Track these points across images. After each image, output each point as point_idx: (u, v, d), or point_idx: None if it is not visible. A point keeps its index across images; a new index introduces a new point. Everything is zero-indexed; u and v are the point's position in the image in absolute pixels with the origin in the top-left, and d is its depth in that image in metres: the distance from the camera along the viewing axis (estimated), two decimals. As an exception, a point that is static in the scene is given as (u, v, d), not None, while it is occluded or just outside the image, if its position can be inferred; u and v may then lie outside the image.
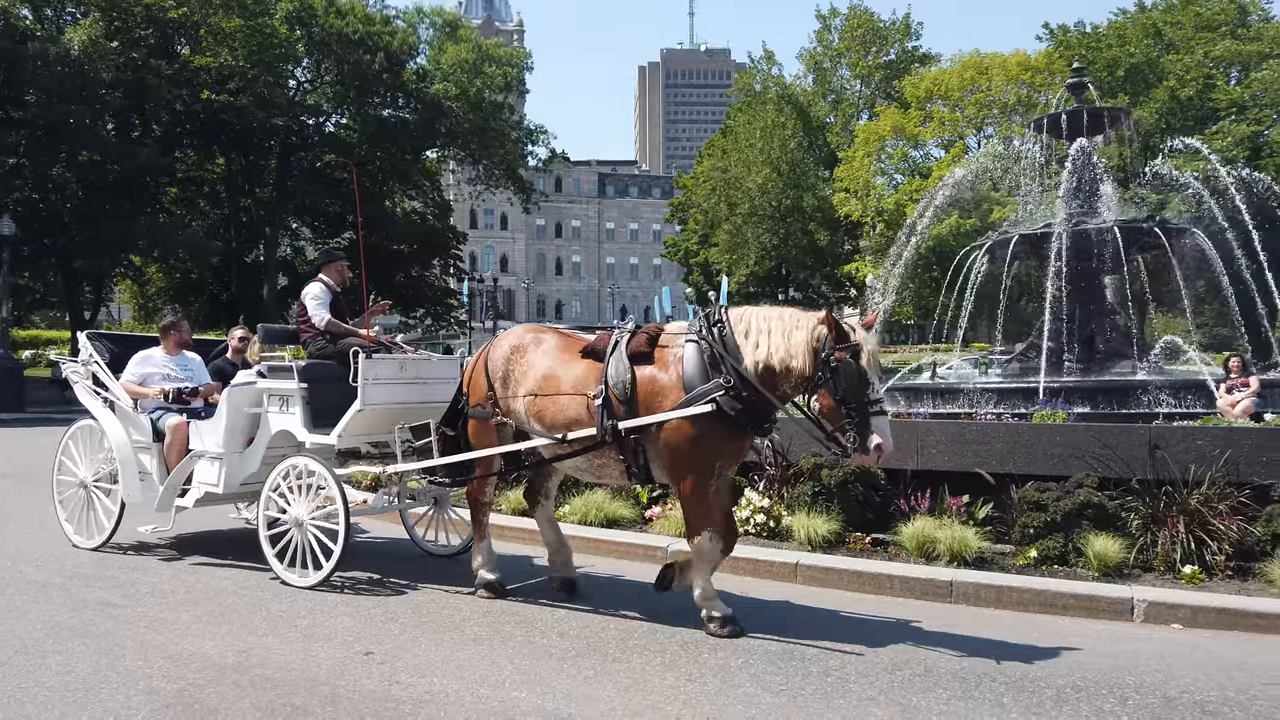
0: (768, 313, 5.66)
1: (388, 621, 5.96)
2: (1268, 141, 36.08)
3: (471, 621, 5.99)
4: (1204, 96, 38.85)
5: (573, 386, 5.92)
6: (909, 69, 50.39)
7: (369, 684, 4.76)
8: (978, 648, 5.44)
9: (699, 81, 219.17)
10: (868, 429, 5.19)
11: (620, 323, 6.16)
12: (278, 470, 6.89)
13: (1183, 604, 6.08)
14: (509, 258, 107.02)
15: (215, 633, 5.66)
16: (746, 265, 52.65)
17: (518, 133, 50.55)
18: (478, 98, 42.50)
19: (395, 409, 7.06)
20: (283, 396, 7.15)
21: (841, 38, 52.61)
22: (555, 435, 5.92)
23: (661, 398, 5.61)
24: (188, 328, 8.61)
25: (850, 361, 5.21)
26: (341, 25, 36.59)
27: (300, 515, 6.71)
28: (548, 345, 6.26)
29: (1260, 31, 39.44)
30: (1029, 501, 7.24)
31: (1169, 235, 19.05)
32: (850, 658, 5.27)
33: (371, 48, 37.43)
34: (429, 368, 7.56)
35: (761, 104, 53.62)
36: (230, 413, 7.33)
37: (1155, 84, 39.95)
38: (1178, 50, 40.10)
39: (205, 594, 6.65)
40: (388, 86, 38.77)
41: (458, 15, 45.57)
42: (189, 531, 8.61)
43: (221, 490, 7.39)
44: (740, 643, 5.52)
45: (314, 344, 7.50)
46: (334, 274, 7.81)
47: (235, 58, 32.77)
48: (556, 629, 5.83)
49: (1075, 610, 6.24)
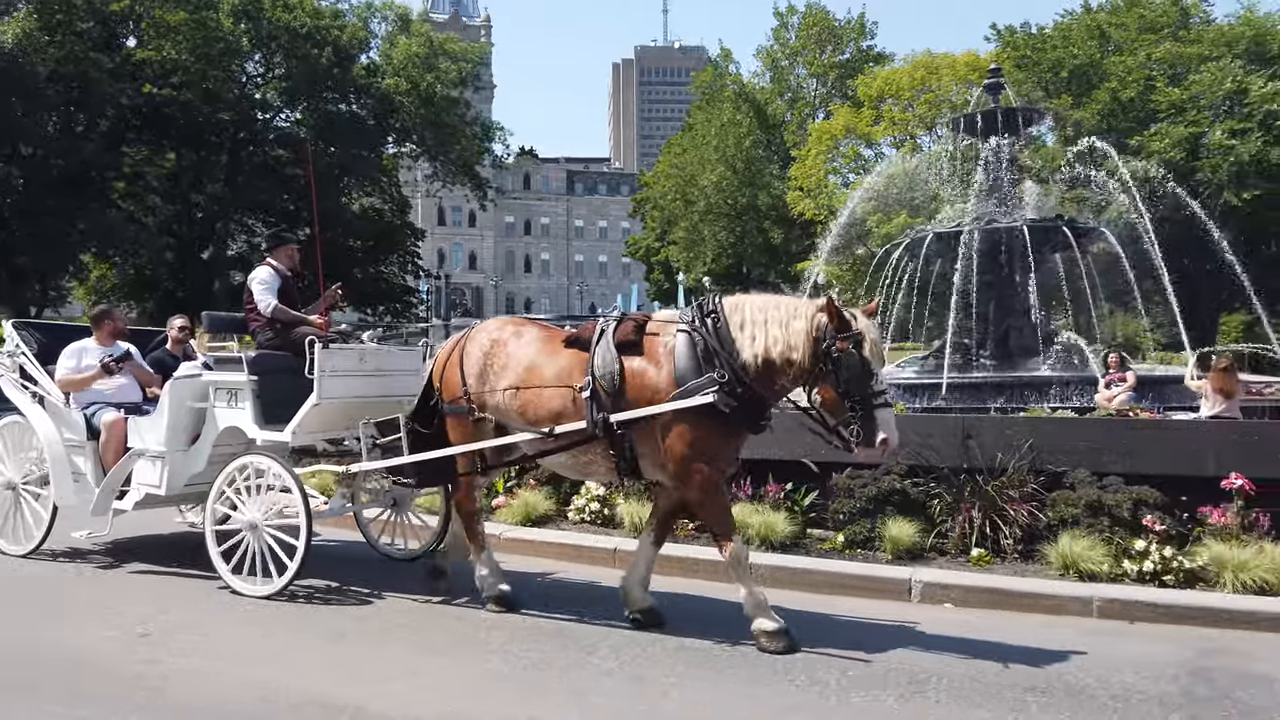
0: (764, 301, 5.40)
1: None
2: (1206, 144, 36.64)
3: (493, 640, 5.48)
4: (1145, 98, 39.45)
5: (557, 378, 5.64)
6: (863, 68, 50.81)
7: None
8: (733, 627, 5.54)
9: (673, 79, 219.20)
10: (873, 422, 4.98)
11: (606, 311, 6.02)
12: (228, 470, 6.45)
13: (956, 584, 6.36)
14: (477, 255, 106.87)
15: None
16: (704, 262, 52.97)
17: (474, 129, 50.47)
18: (429, 92, 42.48)
19: (354, 403, 6.58)
20: (231, 390, 6.67)
21: (798, 36, 53.00)
22: (541, 430, 5.62)
23: (651, 391, 5.34)
24: (122, 317, 8.03)
25: (853, 352, 4.99)
26: (289, 19, 36.53)
27: (255, 518, 6.25)
28: (528, 336, 5.98)
29: (1200, 34, 40.07)
30: (841, 489, 7.50)
31: (1077, 235, 19.52)
32: (613, 633, 5.55)
33: (320, 42, 37.38)
34: (390, 359, 7.14)
35: (720, 102, 53.92)
36: (173, 408, 6.82)
37: (1098, 85, 40.51)
38: (1122, 52, 40.67)
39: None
40: (337, 81, 38.69)
41: (409, 10, 45.45)
42: (127, 536, 7.93)
43: (164, 492, 6.86)
44: (512, 619, 5.76)
45: (263, 333, 7.01)
46: (283, 258, 7.26)
47: (178, 51, 32.65)
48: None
49: (861, 591, 6.50)
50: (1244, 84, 36.38)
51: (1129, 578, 6.30)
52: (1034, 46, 42.64)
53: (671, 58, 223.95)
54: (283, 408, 6.48)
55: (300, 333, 6.69)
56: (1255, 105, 35.80)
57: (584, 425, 5.41)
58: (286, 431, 6.43)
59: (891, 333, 23.74)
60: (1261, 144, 35.11)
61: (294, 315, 6.96)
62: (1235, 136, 35.60)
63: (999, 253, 19.65)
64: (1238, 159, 35.45)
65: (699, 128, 54.43)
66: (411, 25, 45.77)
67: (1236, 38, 38.88)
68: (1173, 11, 41.45)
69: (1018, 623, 5.93)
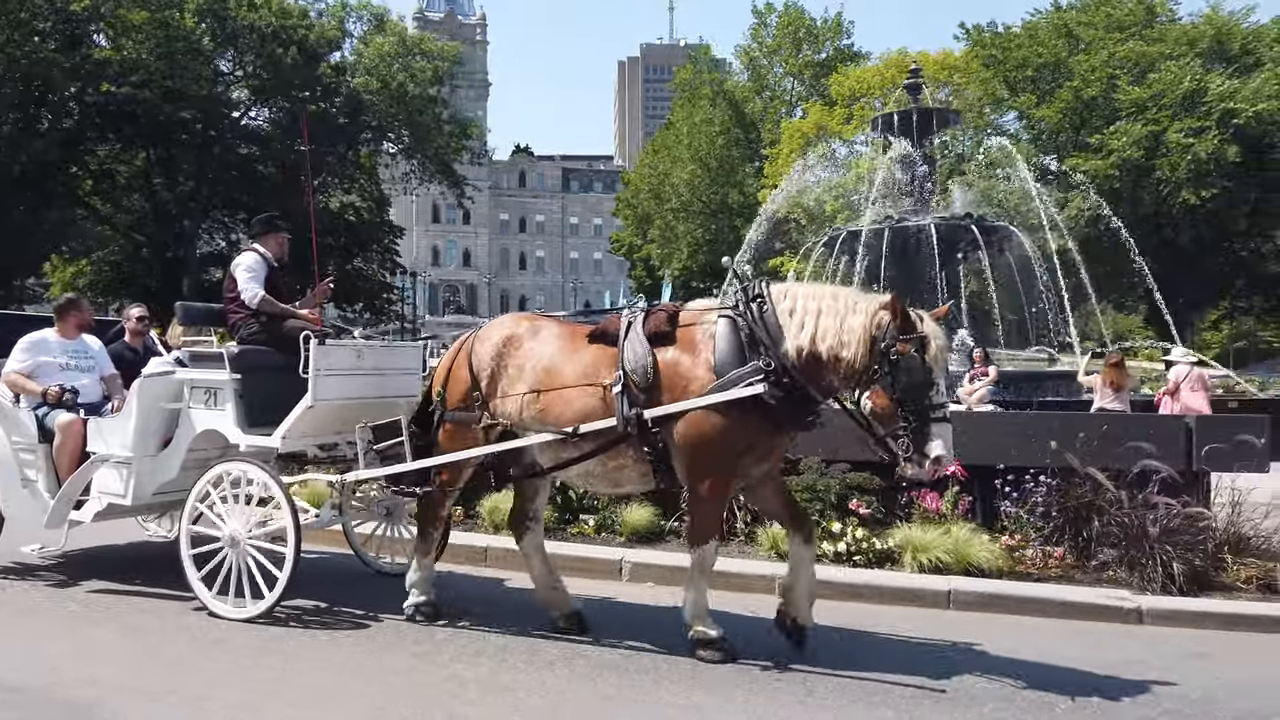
0: (818, 291, 4.98)
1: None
2: (1165, 142, 36.69)
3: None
4: (1108, 96, 39.55)
5: (584, 377, 5.14)
6: (839, 67, 50.98)
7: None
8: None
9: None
10: (926, 437, 4.51)
11: (632, 302, 5.86)
12: (207, 477, 5.86)
13: (657, 564, 6.74)
14: (471, 252, 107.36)
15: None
16: (679, 260, 53.25)
17: (450, 126, 50.83)
18: (399, 91, 42.85)
19: (350, 405, 6.06)
20: (209, 389, 6.05)
21: (775, 35, 53.20)
22: (564, 431, 5.10)
23: (689, 382, 4.89)
24: (88, 307, 7.43)
25: (914, 356, 4.54)
26: (254, 18, 36.98)
27: (237, 532, 5.67)
28: (547, 333, 5.47)
29: (1164, 32, 40.14)
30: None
31: (985, 233, 19.82)
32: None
33: (285, 41, 37.80)
34: (387, 357, 6.62)
35: (698, 100, 54.22)
36: (142, 409, 6.14)
37: (1063, 83, 40.64)
38: (1088, 50, 40.76)
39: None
40: (304, 80, 39.10)
41: (385, 9, 45.82)
42: (80, 548, 7.19)
43: (130, 502, 6.20)
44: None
45: (245, 327, 6.36)
46: (272, 245, 6.63)
47: (139, 50, 33.14)
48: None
49: (580, 572, 6.82)
50: (1203, 82, 36.46)
51: (826, 558, 6.62)
52: (1000, 45, 42.77)
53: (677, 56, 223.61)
54: (268, 410, 5.95)
55: (292, 326, 6.15)
56: (1213, 104, 35.87)
57: (614, 423, 4.92)
58: (275, 436, 5.86)
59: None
60: (1219, 142, 35.17)
61: (282, 308, 6.40)
62: (1193, 135, 35.68)
63: (908, 249, 20.03)
64: (1195, 157, 35.53)
65: (678, 125, 54.80)
66: (386, 24, 46.13)
67: (1199, 36, 38.99)
68: (1139, 10, 41.52)
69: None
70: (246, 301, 6.28)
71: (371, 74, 42.88)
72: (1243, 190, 36.66)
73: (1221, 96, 35.75)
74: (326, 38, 41.06)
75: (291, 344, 5.89)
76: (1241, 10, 40.14)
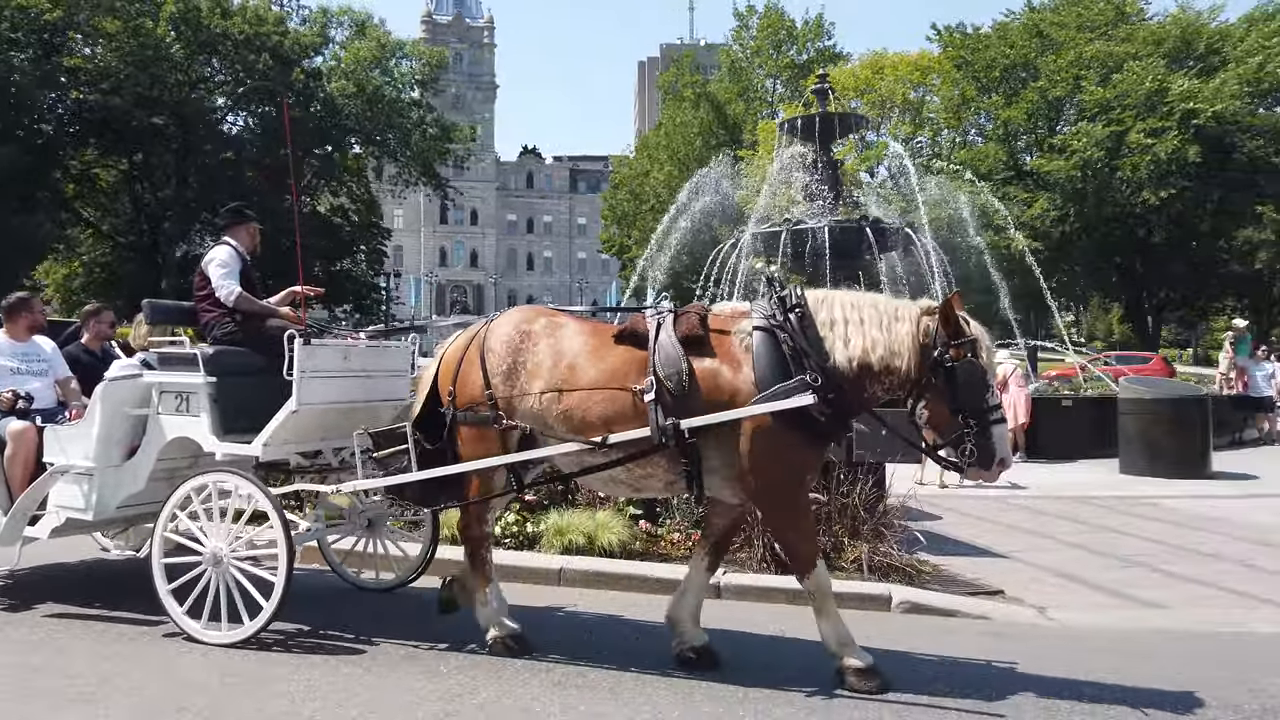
0: (856, 299, 4.79)
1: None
2: (1127, 142, 36.66)
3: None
4: (1074, 97, 39.58)
5: (611, 379, 4.84)
6: (817, 68, 51.23)
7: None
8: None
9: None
10: (989, 440, 4.40)
11: (657, 302, 5.59)
12: (185, 489, 5.41)
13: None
14: (479, 253, 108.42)
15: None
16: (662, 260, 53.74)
17: (434, 130, 51.65)
18: (376, 95, 43.70)
19: (336, 409, 5.75)
20: (181, 394, 5.60)
21: (756, 37, 53.55)
22: (593, 440, 4.77)
23: (728, 395, 4.64)
24: (41, 307, 7.08)
25: (970, 361, 4.42)
26: (227, 25, 37.94)
27: (220, 550, 5.26)
28: (569, 329, 5.13)
29: (1132, 32, 40.06)
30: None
31: (878, 234, 20.16)
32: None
33: (258, 48, 38.75)
34: (376, 358, 6.19)
35: (681, 102, 54.72)
36: (106, 415, 5.69)
37: (1030, 84, 40.69)
38: (1058, 50, 40.77)
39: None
40: (278, 86, 40.03)
41: (368, 15, 46.71)
42: (27, 567, 6.62)
43: (92, 517, 5.73)
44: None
45: (220, 326, 5.95)
46: (244, 237, 6.28)
47: (110, 58, 34.14)
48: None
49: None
50: (1165, 83, 36.40)
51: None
52: (970, 46, 42.85)
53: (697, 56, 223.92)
54: (245, 415, 5.56)
55: (274, 325, 5.78)
56: (1175, 104, 35.80)
57: (647, 433, 4.65)
58: (256, 443, 5.44)
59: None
60: (1179, 142, 35.11)
61: (261, 305, 6.06)
62: (1154, 136, 35.64)
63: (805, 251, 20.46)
64: (1155, 158, 35.49)
65: (665, 126, 55.40)
66: (367, 29, 47.02)
67: (1164, 36, 38.90)
68: (1108, 10, 41.46)
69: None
70: (223, 299, 5.89)
71: (348, 79, 43.75)
72: (1205, 190, 36.58)
73: (1183, 97, 35.68)
74: (301, 43, 41.95)
75: (271, 345, 5.54)
76: (1209, 9, 40.04)
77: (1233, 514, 9.93)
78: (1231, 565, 7.66)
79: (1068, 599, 6.42)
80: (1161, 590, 5.45)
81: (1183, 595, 5.76)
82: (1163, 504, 10.35)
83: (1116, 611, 6.24)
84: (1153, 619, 6.16)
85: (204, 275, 5.98)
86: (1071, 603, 6.37)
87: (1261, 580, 7.12)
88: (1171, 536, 8.86)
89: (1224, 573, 7.33)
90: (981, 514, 9.79)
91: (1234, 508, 10.30)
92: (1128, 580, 6.82)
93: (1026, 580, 5.14)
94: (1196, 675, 4.77)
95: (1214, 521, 9.62)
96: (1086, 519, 9.57)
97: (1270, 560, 7.81)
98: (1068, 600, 6.40)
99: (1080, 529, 9.18)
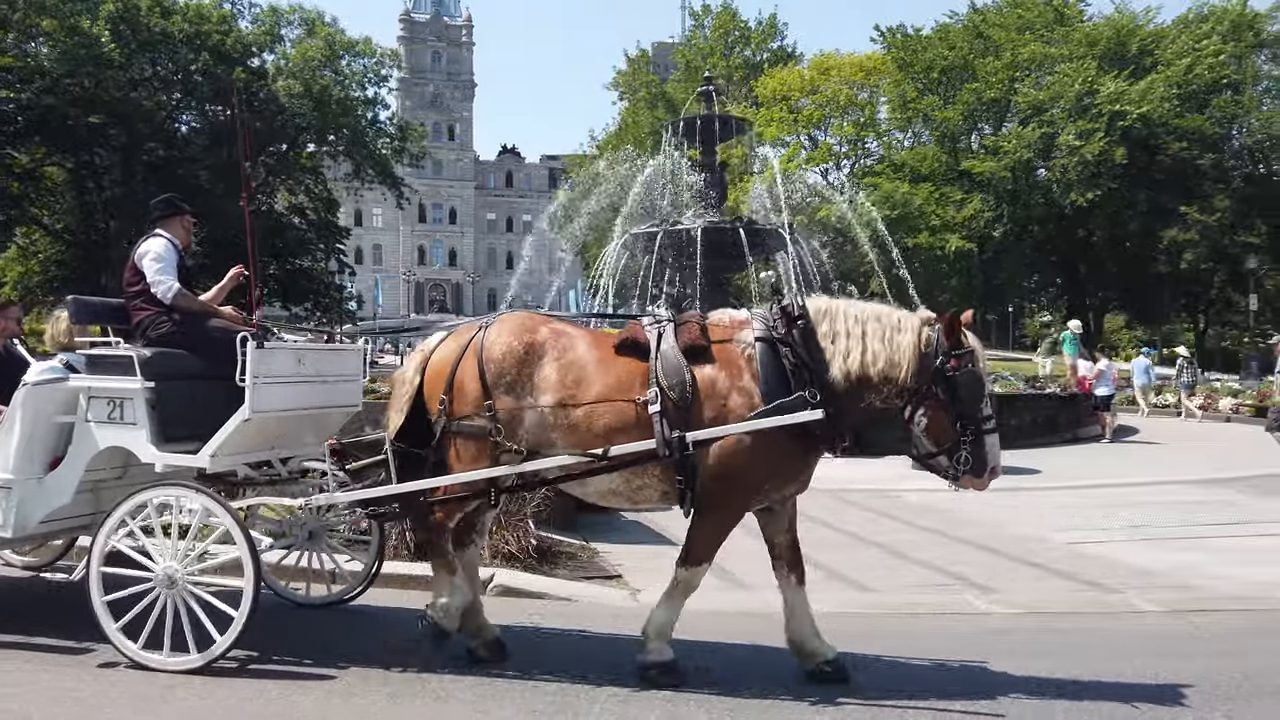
0: (858, 310, 4.78)
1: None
2: (1056, 144, 37.03)
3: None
4: (1008, 99, 39.94)
5: (616, 390, 4.76)
6: (768, 69, 51.59)
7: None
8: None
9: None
10: (984, 448, 4.50)
11: (654, 310, 5.44)
12: (129, 504, 4.94)
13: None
14: (457, 252, 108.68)
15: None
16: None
17: (390, 128, 51.91)
18: (323, 95, 43.94)
19: (289, 417, 5.41)
20: (114, 400, 5.11)
21: (709, 36, 53.88)
22: (594, 453, 4.69)
23: (734, 407, 4.63)
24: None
25: (969, 370, 4.51)
26: (166, 24, 38.16)
27: (173, 571, 4.82)
28: (576, 341, 4.98)
29: (1067, 34, 40.41)
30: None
31: (750, 235, 20.55)
32: None
33: (197, 47, 38.99)
34: (331, 362, 5.85)
35: (637, 102, 55.09)
36: (26, 422, 5.19)
37: (967, 85, 41.07)
38: (997, 53, 41.13)
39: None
40: (219, 85, 40.24)
41: (319, 14, 46.94)
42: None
43: (10, 534, 5.18)
44: None
45: (156, 326, 5.42)
46: (179, 230, 5.77)
47: (40, 57, 34.38)
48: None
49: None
50: (1095, 84, 36.77)
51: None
52: (910, 48, 43.21)
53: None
54: (186, 424, 5.14)
55: (217, 326, 5.42)
56: (1103, 105, 36.17)
57: (651, 445, 4.59)
58: (203, 454, 5.03)
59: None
60: (1106, 144, 35.48)
61: (202, 304, 5.66)
62: (1081, 137, 36.01)
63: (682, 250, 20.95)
64: (1083, 159, 35.86)
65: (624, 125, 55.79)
66: (316, 28, 47.23)
67: (1099, 38, 39.28)
68: (1048, 12, 41.83)
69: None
70: (160, 296, 5.37)
71: (295, 78, 43.97)
72: (1133, 192, 36.96)
73: (1111, 99, 36.10)
74: (245, 43, 42.16)
75: (214, 346, 5.18)
76: (1144, 11, 40.42)
77: (942, 504, 9.82)
78: (867, 546, 8.40)
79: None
80: (767, 574, 5.52)
81: (767, 577, 5.87)
82: (902, 497, 10.47)
83: (717, 595, 6.46)
84: (730, 600, 6.41)
85: (136, 270, 5.44)
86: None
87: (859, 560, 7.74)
88: (861, 525, 9.21)
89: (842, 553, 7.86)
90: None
91: (957, 499, 10.05)
92: (752, 567, 6.86)
93: (668, 566, 5.18)
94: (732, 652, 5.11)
95: (922, 512, 9.77)
96: (813, 513, 9.76)
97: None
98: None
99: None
